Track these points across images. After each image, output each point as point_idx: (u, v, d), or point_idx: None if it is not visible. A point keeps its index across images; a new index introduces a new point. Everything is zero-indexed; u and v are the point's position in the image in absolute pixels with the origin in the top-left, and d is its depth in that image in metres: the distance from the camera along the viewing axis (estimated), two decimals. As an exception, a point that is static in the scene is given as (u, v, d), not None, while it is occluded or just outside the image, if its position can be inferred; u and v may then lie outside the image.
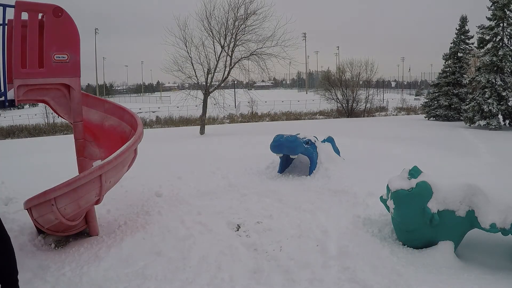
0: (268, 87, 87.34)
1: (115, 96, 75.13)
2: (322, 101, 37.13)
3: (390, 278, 3.39)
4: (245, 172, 7.64)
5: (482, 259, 3.82)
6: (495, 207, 3.61)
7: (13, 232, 4.19)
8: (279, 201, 5.77)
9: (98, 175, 3.90)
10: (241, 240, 4.37)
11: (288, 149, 7.01)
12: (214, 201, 5.84)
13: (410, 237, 4.03)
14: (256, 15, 19.22)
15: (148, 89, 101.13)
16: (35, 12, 4.05)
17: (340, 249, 3.99)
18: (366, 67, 36.09)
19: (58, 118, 28.88)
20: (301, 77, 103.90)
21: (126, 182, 6.36)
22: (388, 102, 43.08)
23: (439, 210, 3.78)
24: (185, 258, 3.89)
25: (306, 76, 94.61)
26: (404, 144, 12.08)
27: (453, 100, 26.04)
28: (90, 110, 5.50)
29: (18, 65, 3.97)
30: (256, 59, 19.72)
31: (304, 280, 3.44)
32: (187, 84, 25.64)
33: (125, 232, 4.51)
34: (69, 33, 4.21)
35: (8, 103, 4.09)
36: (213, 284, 3.44)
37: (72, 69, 4.28)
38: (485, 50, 21.43)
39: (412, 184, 3.85)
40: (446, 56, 26.88)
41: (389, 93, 61.89)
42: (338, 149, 8.24)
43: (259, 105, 37.36)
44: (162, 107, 44.96)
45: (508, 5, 20.63)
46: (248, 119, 35.08)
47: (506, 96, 20.44)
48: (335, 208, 5.36)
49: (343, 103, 34.22)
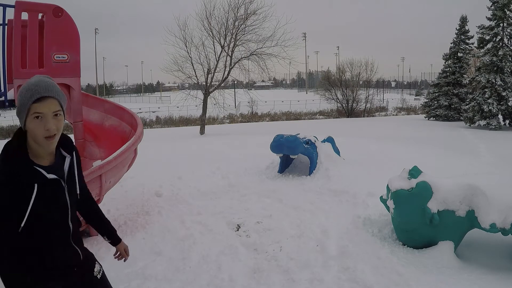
0: (268, 87, 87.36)
1: (115, 96, 75.10)
2: (322, 101, 37.14)
3: (390, 278, 3.39)
4: (245, 172, 7.65)
5: (482, 259, 3.81)
6: (495, 207, 3.60)
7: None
8: (279, 201, 5.77)
9: (98, 175, 3.90)
10: (241, 240, 4.37)
11: (288, 149, 7.01)
12: (214, 201, 5.84)
13: (410, 237, 4.02)
14: (256, 15, 19.26)
15: (148, 89, 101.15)
16: (35, 12, 4.06)
17: (340, 249, 3.99)
18: (366, 67, 36.15)
19: (58, 118, 28.74)
20: (301, 77, 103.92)
21: (126, 182, 6.37)
22: (388, 102, 43.09)
23: (439, 210, 3.78)
24: (185, 258, 3.89)
25: (306, 76, 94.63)
26: (404, 144, 12.08)
27: (453, 100, 26.05)
28: (90, 110, 5.51)
29: (18, 65, 3.98)
30: (256, 59, 19.75)
31: (304, 280, 3.44)
32: (187, 84, 25.71)
33: (125, 232, 4.51)
34: (69, 33, 4.21)
35: (8, 103, 4.10)
36: (213, 284, 3.44)
37: (72, 69, 4.29)
38: (485, 50, 21.44)
39: (412, 184, 3.85)
40: (446, 56, 26.89)
41: (389, 93, 61.90)
42: (338, 149, 8.23)
43: (259, 105, 37.36)
44: (162, 107, 44.96)
45: (508, 5, 20.64)
46: (248, 119, 35.08)
47: (506, 96, 20.44)
48: (335, 208, 5.36)
49: (343, 103, 34.22)
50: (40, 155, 1.65)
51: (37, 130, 1.56)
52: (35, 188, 1.57)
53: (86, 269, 1.88)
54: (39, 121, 1.55)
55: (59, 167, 1.69)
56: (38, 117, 1.55)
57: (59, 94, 1.60)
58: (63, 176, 1.70)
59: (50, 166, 1.66)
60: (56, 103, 1.58)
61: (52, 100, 1.57)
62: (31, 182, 1.57)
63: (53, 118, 1.57)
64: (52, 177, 1.63)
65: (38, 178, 1.59)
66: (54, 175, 1.65)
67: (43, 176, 1.61)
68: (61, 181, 1.68)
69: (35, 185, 1.57)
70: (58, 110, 1.59)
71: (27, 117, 1.56)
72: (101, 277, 1.94)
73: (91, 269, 1.91)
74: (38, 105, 1.54)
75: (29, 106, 1.54)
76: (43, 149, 1.63)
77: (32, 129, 1.57)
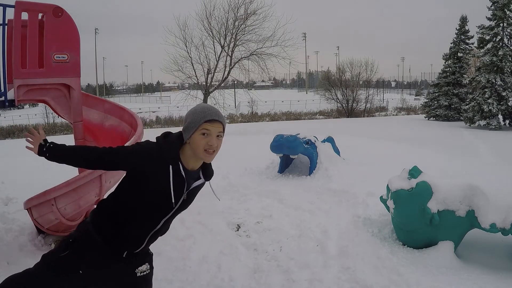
0: (268, 87, 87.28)
1: (115, 96, 75.04)
2: (322, 101, 37.09)
3: (390, 278, 3.39)
4: (245, 172, 7.64)
5: (482, 259, 3.81)
6: (495, 207, 3.60)
7: (13, 232, 4.19)
8: (279, 201, 5.77)
9: (98, 175, 3.90)
10: (241, 240, 4.37)
11: (288, 149, 7.01)
12: (214, 201, 5.82)
13: (410, 237, 4.02)
14: (256, 15, 19.28)
15: (148, 89, 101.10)
16: (35, 12, 4.06)
17: (340, 249, 3.99)
18: (366, 67, 36.06)
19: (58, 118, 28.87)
20: (301, 77, 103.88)
21: (126, 182, 6.34)
22: (388, 102, 43.06)
23: (439, 210, 3.78)
24: (185, 258, 3.89)
25: (306, 76, 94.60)
26: (404, 144, 12.07)
27: (453, 100, 26.04)
28: (90, 110, 5.51)
29: (18, 65, 3.98)
30: (256, 59, 19.76)
31: (304, 280, 3.44)
32: (187, 84, 25.69)
33: (125, 232, 4.50)
34: (69, 33, 4.21)
35: (8, 103, 4.09)
36: (213, 284, 3.44)
37: (72, 69, 4.29)
38: (485, 50, 21.43)
39: (412, 184, 3.85)
40: (446, 56, 26.88)
41: (389, 93, 61.83)
42: (338, 149, 8.24)
43: (259, 105, 37.34)
44: (162, 107, 44.94)
45: (508, 5, 20.63)
46: (248, 119, 35.06)
47: (506, 96, 20.44)
48: (335, 208, 5.36)
49: (343, 103, 34.19)
50: (187, 162, 1.88)
51: (200, 143, 1.82)
52: (167, 171, 1.81)
53: (132, 263, 1.97)
54: (204, 137, 1.82)
55: (192, 178, 1.92)
56: (205, 134, 1.81)
57: (224, 120, 1.90)
58: (189, 186, 1.91)
59: (188, 171, 1.89)
60: (221, 127, 1.86)
61: (219, 124, 1.85)
62: (167, 164, 1.81)
63: (216, 137, 1.84)
64: (183, 174, 1.85)
65: (174, 165, 1.83)
66: (185, 177, 1.86)
67: (179, 169, 1.84)
68: (185, 186, 1.88)
69: (169, 168, 1.81)
70: (220, 132, 1.86)
71: (195, 132, 1.82)
72: (140, 277, 1.99)
73: (137, 265, 1.99)
74: (208, 124, 1.81)
75: (201, 123, 1.80)
76: (194, 161, 1.89)
77: (197, 142, 1.82)
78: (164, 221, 1.95)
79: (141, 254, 2.01)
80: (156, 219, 1.93)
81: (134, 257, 1.98)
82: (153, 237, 2.00)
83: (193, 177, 1.94)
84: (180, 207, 1.94)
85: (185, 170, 1.88)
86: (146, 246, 2.00)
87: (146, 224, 1.92)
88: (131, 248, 1.94)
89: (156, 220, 1.93)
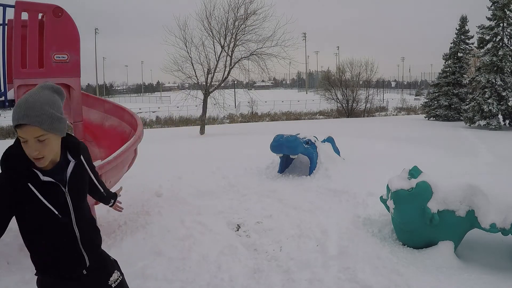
0: (268, 87, 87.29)
1: (115, 96, 75.03)
2: (322, 101, 37.10)
3: (390, 278, 3.39)
4: (245, 172, 7.64)
5: (482, 259, 3.81)
6: (495, 207, 3.60)
7: (13, 232, 4.16)
8: (279, 201, 5.77)
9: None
10: (241, 240, 4.37)
11: (288, 149, 7.00)
12: (214, 201, 5.84)
13: (410, 237, 4.03)
14: (256, 15, 19.26)
15: (148, 89, 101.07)
16: (35, 12, 4.05)
17: (340, 249, 3.98)
18: (366, 67, 36.08)
19: (58, 118, 28.71)
20: (301, 77, 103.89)
21: (126, 182, 6.35)
22: (388, 102, 43.06)
23: (439, 210, 3.78)
24: (185, 258, 3.89)
25: (306, 76, 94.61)
26: (404, 144, 12.08)
27: (453, 100, 26.06)
28: (90, 110, 5.51)
29: (18, 65, 3.98)
30: (256, 59, 19.74)
31: (304, 280, 3.44)
32: (187, 84, 25.67)
33: (125, 232, 4.50)
34: (69, 33, 4.21)
35: (8, 103, 4.09)
36: (213, 284, 3.44)
37: (72, 69, 4.28)
38: (485, 50, 21.45)
39: (412, 184, 3.85)
40: (446, 56, 26.89)
41: (389, 93, 61.84)
42: (338, 149, 8.24)
43: (259, 105, 37.35)
44: (162, 107, 44.94)
45: (508, 5, 20.65)
46: (248, 119, 35.06)
47: (506, 96, 20.45)
48: (335, 208, 5.35)
49: (343, 103, 34.20)
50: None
51: (25, 151, 1.54)
52: (30, 188, 1.57)
53: (100, 276, 1.87)
54: (24, 144, 1.53)
55: (59, 171, 1.67)
56: (22, 141, 1.52)
57: (40, 118, 1.49)
58: (63, 180, 1.68)
59: (50, 169, 1.65)
60: (37, 129, 1.49)
61: (30, 128, 1.48)
62: (25, 182, 1.57)
63: (36, 143, 1.52)
64: (47, 179, 1.61)
65: (32, 179, 1.58)
66: (50, 178, 1.63)
67: (38, 178, 1.59)
68: (60, 185, 1.66)
69: (28, 185, 1.57)
70: (40, 135, 1.51)
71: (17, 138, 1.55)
72: (116, 287, 1.92)
73: (107, 277, 1.90)
74: (19, 130, 1.50)
75: (15, 129, 1.52)
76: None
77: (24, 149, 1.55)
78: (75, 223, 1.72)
79: (102, 264, 1.89)
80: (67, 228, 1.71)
81: (98, 271, 1.85)
82: (85, 238, 1.77)
83: (61, 168, 1.68)
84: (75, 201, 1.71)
85: (45, 172, 1.62)
86: (92, 252, 1.82)
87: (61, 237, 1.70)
88: (77, 264, 1.77)
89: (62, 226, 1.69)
